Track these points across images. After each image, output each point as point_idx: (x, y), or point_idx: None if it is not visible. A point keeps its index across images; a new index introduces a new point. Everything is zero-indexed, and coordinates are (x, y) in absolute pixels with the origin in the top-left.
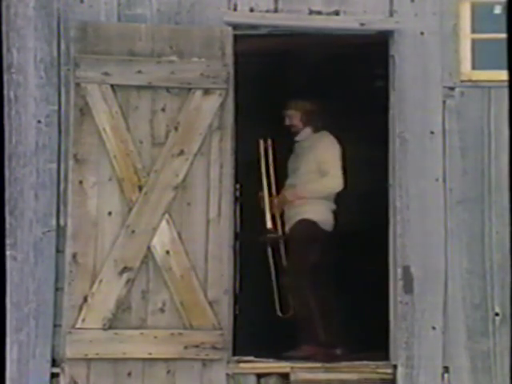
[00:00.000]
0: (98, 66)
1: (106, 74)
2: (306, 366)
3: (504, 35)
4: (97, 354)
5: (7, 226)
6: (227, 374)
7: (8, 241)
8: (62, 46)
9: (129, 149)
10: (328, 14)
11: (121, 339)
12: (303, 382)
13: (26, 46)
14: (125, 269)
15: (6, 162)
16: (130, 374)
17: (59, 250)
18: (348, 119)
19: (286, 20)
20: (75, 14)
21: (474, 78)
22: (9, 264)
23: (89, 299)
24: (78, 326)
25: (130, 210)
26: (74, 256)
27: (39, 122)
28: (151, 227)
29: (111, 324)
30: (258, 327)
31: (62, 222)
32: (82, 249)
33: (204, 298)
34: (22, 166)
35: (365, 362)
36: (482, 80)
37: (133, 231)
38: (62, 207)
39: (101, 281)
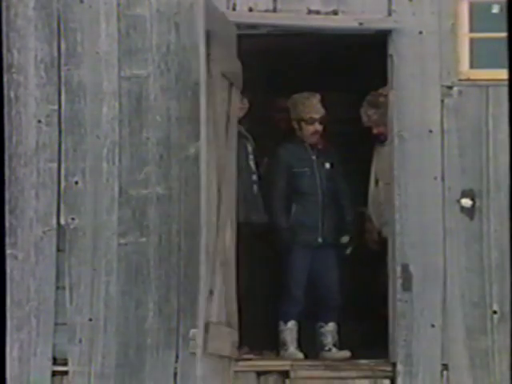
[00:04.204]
0: (214, 45)
1: (220, 55)
2: (305, 364)
3: (502, 34)
4: (215, 350)
5: (7, 225)
6: (234, 372)
7: (9, 240)
8: (63, 46)
9: (224, 138)
10: (326, 13)
11: (219, 335)
12: (303, 380)
13: (26, 46)
14: (221, 263)
15: (7, 162)
16: (213, 371)
17: (60, 249)
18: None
19: (284, 20)
20: (75, 14)
21: (472, 77)
22: (10, 263)
23: (214, 292)
24: (210, 319)
25: (219, 203)
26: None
27: (39, 121)
28: (225, 223)
29: (217, 319)
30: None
31: (62, 221)
32: (208, 239)
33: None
34: (22, 166)
35: (364, 360)
36: (480, 79)
37: (219, 225)
38: (62, 206)
39: (216, 273)
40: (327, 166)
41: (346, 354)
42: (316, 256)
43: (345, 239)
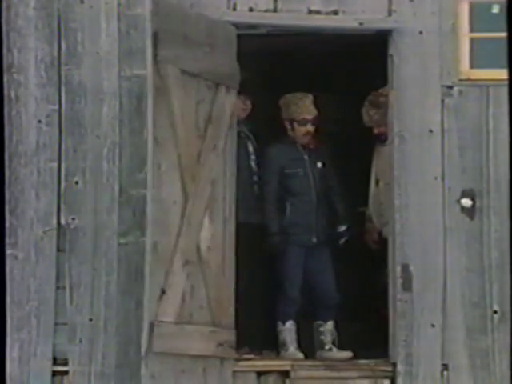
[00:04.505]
0: (172, 46)
1: (177, 56)
2: (306, 364)
3: (502, 34)
4: (171, 349)
5: (8, 225)
6: (233, 372)
7: (9, 240)
8: (63, 46)
9: (189, 137)
10: (327, 13)
11: (185, 335)
12: (303, 380)
13: (26, 46)
14: (186, 262)
15: (7, 162)
16: (183, 371)
17: (60, 249)
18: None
19: (285, 20)
20: (75, 14)
21: (472, 77)
22: (10, 263)
23: (167, 291)
24: (159, 318)
25: (187, 201)
26: (155, 245)
27: (40, 121)
28: (199, 221)
29: (179, 319)
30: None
31: (62, 221)
32: (158, 237)
33: (226, 297)
34: (22, 166)
35: (364, 360)
36: (480, 79)
37: (189, 224)
38: (62, 206)
39: (173, 273)
40: (319, 165)
41: (348, 354)
42: (311, 255)
43: (342, 228)
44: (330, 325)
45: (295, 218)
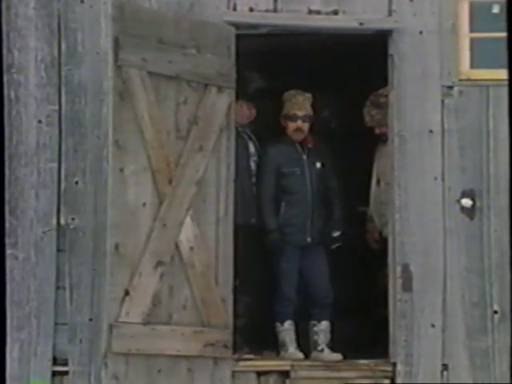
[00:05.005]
0: (138, 50)
1: (144, 59)
2: (306, 364)
3: (502, 34)
4: (138, 350)
5: (8, 225)
6: (233, 372)
7: (9, 240)
8: (63, 46)
9: (163, 140)
10: (327, 13)
11: (157, 335)
12: (303, 380)
13: (26, 46)
14: (159, 263)
15: (7, 162)
16: (160, 371)
17: (60, 249)
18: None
19: (285, 20)
20: (75, 14)
21: (472, 77)
22: (10, 263)
23: (131, 292)
24: (121, 319)
25: (162, 202)
26: (117, 246)
27: (40, 121)
28: (178, 222)
29: (149, 319)
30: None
31: (62, 221)
32: (122, 239)
33: (218, 296)
34: (22, 166)
35: (364, 360)
36: (480, 79)
37: (164, 225)
38: (62, 206)
39: (140, 274)
40: (318, 165)
41: (338, 356)
42: (306, 255)
43: (336, 233)
44: (323, 325)
45: (289, 217)
